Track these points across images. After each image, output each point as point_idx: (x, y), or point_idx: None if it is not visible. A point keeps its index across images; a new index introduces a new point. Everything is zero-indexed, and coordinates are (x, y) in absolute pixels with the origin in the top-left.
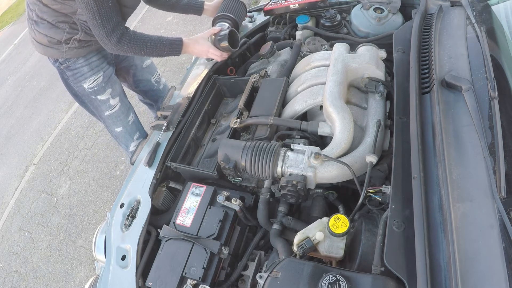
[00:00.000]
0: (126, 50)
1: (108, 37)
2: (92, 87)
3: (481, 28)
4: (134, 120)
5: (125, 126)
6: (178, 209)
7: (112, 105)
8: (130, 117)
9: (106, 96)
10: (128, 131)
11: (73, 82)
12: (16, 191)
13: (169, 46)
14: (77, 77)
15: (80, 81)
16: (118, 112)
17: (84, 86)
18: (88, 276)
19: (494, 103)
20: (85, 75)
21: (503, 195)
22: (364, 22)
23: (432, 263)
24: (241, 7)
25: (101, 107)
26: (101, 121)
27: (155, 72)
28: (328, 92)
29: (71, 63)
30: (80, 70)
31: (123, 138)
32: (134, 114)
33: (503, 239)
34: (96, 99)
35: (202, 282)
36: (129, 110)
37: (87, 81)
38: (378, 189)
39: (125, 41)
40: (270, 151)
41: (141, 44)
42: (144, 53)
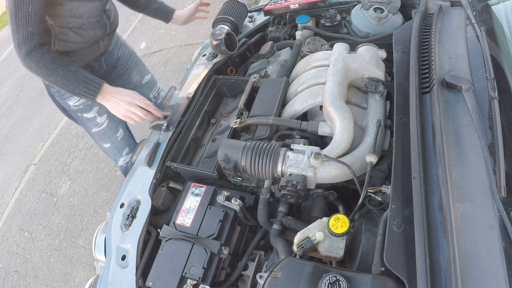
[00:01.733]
0: (34, 69)
1: (17, 46)
2: (77, 105)
3: (481, 28)
4: (123, 136)
5: (113, 142)
6: (178, 209)
7: (99, 122)
8: (119, 133)
9: (93, 114)
10: (117, 147)
11: (59, 98)
12: (16, 191)
13: (84, 85)
14: (62, 94)
15: (65, 99)
16: (105, 129)
17: (70, 103)
18: (88, 276)
19: (494, 103)
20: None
21: (503, 195)
22: (364, 22)
23: (432, 263)
24: (242, 9)
25: (87, 124)
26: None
27: (154, 87)
28: (328, 92)
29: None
30: None
31: (111, 153)
32: (123, 129)
33: (503, 239)
34: (82, 117)
35: (202, 282)
36: (118, 126)
37: (72, 99)
38: (378, 189)
39: (34, 58)
40: (270, 151)
41: (51, 69)
42: (53, 82)
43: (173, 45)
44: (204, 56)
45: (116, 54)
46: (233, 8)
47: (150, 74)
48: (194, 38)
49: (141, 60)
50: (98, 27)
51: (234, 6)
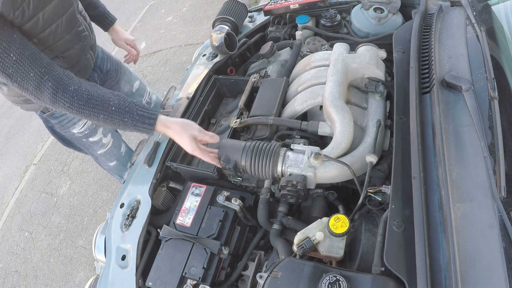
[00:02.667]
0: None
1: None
2: (82, 131)
3: (481, 28)
4: (126, 150)
5: (118, 159)
6: (178, 209)
7: (105, 143)
8: (122, 148)
9: (98, 137)
10: (122, 162)
11: (60, 129)
12: (16, 191)
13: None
14: (64, 124)
15: (68, 127)
16: (111, 148)
17: (74, 131)
18: (88, 276)
19: (494, 103)
20: (73, 121)
21: (503, 195)
22: (364, 22)
23: (432, 263)
24: (242, 9)
25: (93, 148)
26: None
27: (145, 93)
28: (328, 92)
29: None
30: (67, 116)
31: (116, 170)
32: (124, 143)
33: (503, 239)
34: (88, 141)
35: (202, 282)
36: (120, 141)
37: (76, 127)
38: (378, 189)
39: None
40: (270, 151)
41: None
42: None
43: (173, 45)
44: (204, 56)
45: (105, 67)
46: (233, 8)
47: (138, 80)
48: (194, 38)
49: (127, 68)
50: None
51: (234, 6)
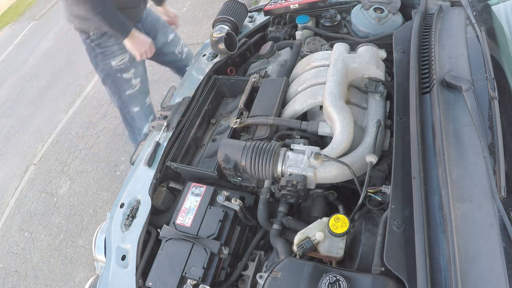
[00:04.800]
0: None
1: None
2: (119, 65)
3: (481, 28)
4: (150, 104)
5: (142, 107)
6: (178, 209)
7: (133, 84)
8: (147, 99)
9: (130, 76)
10: (144, 112)
11: (102, 59)
12: (16, 191)
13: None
14: (107, 54)
15: (109, 59)
16: (137, 92)
17: (112, 63)
18: (88, 276)
19: (494, 103)
20: (114, 53)
21: (503, 195)
22: (364, 22)
23: (432, 263)
24: (242, 9)
25: (123, 86)
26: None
27: (178, 44)
28: (328, 92)
29: (103, 40)
30: (111, 48)
31: (138, 119)
32: (149, 98)
33: (503, 239)
34: (121, 77)
35: (202, 282)
36: (147, 93)
37: (115, 59)
38: (378, 189)
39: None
40: (270, 151)
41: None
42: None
43: None
44: (204, 56)
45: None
46: (233, 8)
47: (174, 33)
48: (194, 38)
49: (165, 22)
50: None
51: (234, 6)
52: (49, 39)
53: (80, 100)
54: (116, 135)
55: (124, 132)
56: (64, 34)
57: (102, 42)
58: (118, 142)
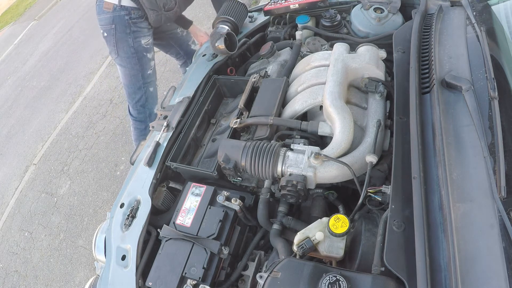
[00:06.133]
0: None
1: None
2: (147, 44)
3: (481, 28)
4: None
5: (155, 88)
6: (178, 209)
7: (151, 65)
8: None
9: (151, 56)
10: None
11: (134, 37)
12: (16, 191)
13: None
14: (138, 33)
15: (140, 37)
16: (153, 73)
17: (142, 42)
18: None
19: (494, 103)
20: (144, 34)
21: (503, 195)
22: (364, 22)
23: (432, 263)
24: (242, 9)
25: (146, 65)
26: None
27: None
28: (328, 92)
29: (139, 21)
30: (143, 29)
31: (152, 99)
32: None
33: (503, 239)
34: (146, 56)
35: (202, 282)
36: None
37: (144, 38)
38: (378, 189)
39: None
40: (270, 151)
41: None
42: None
43: None
44: (204, 56)
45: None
46: (233, 8)
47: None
48: None
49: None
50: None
51: (234, 6)
52: (49, 39)
53: (80, 100)
54: (116, 135)
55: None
56: (64, 34)
57: (139, 22)
58: (118, 142)
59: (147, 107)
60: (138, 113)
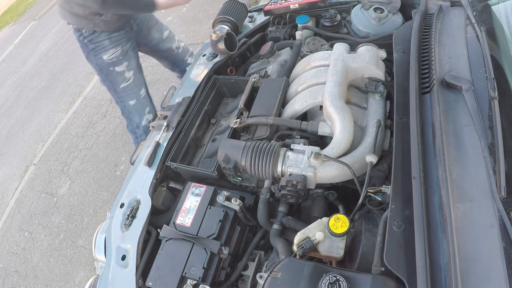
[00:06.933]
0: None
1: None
2: (111, 58)
3: (481, 28)
4: (145, 95)
5: (138, 99)
6: (178, 209)
7: (127, 77)
8: (142, 91)
9: (123, 69)
10: (141, 104)
11: (94, 54)
12: (16, 191)
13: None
14: (98, 49)
15: (101, 53)
16: (132, 85)
17: (104, 57)
18: (88, 276)
19: (494, 103)
20: (106, 48)
21: (503, 195)
22: (364, 22)
23: (432, 263)
24: (242, 9)
25: (117, 79)
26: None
27: (173, 40)
28: (328, 92)
29: (95, 36)
30: (102, 43)
31: (136, 112)
32: (146, 90)
33: (503, 239)
34: (114, 71)
35: (202, 282)
36: (141, 84)
37: (107, 53)
38: (378, 189)
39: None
40: (270, 151)
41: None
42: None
43: None
44: (204, 56)
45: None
46: (233, 8)
47: (168, 30)
48: (194, 38)
49: (158, 19)
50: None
51: (234, 6)
52: (49, 39)
53: (80, 100)
54: (116, 135)
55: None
56: (64, 34)
57: (94, 38)
58: (118, 142)
59: (132, 119)
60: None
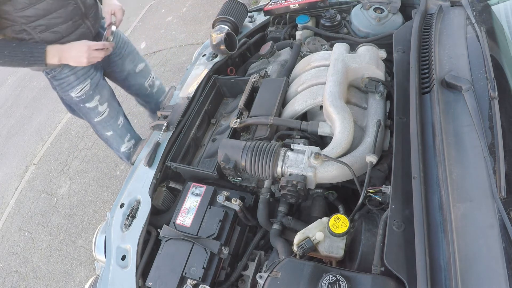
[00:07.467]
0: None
1: None
2: (79, 96)
3: (481, 28)
4: (123, 123)
5: (115, 130)
6: (178, 209)
7: (101, 111)
8: (119, 120)
9: (95, 104)
10: (119, 134)
11: (60, 91)
12: (16, 191)
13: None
14: (64, 87)
15: (67, 91)
16: (107, 118)
17: (72, 95)
18: (88, 276)
19: (494, 103)
20: (72, 85)
21: (503, 195)
22: (364, 22)
23: (432, 263)
24: (242, 9)
25: (90, 114)
26: (92, 127)
27: (148, 76)
28: (328, 92)
29: (57, 72)
30: (66, 80)
31: (113, 141)
32: (123, 117)
33: (503, 239)
34: (85, 107)
35: (202, 282)
36: (118, 113)
37: (74, 90)
38: (378, 189)
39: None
40: (270, 151)
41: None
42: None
43: (173, 45)
44: (204, 56)
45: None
46: (233, 8)
47: (144, 63)
48: (194, 38)
49: (135, 49)
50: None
51: (234, 6)
52: None
53: None
54: None
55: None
56: None
57: (56, 74)
58: None
59: (112, 147)
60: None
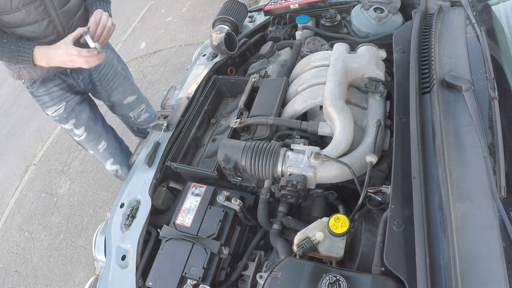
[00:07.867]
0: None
1: None
2: (54, 115)
3: (481, 28)
4: (106, 147)
5: (96, 152)
6: (178, 209)
7: (78, 134)
8: (101, 145)
9: (70, 126)
10: (100, 156)
11: (40, 106)
12: (16, 191)
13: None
14: (40, 104)
15: (43, 108)
16: (85, 141)
17: (48, 113)
18: (88, 276)
19: (494, 103)
20: (47, 104)
21: (503, 195)
22: (364, 22)
23: (432, 263)
24: (242, 9)
25: (69, 133)
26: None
27: (136, 108)
28: (328, 92)
29: (34, 89)
30: (42, 98)
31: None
32: (108, 141)
33: (503, 239)
34: (62, 127)
35: (202, 282)
36: (100, 138)
37: (49, 110)
38: (378, 189)
39: None
40: (270, 151)
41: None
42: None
43: (173, 45)
44: (204, 56)
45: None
46: (233, 8)
47: (135, 95)
48: (194, 38)
49: (129, 80)
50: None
51: (234, 6)
52: None
53: None
54: None
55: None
56: None
57: (34, 91)
58: None
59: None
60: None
